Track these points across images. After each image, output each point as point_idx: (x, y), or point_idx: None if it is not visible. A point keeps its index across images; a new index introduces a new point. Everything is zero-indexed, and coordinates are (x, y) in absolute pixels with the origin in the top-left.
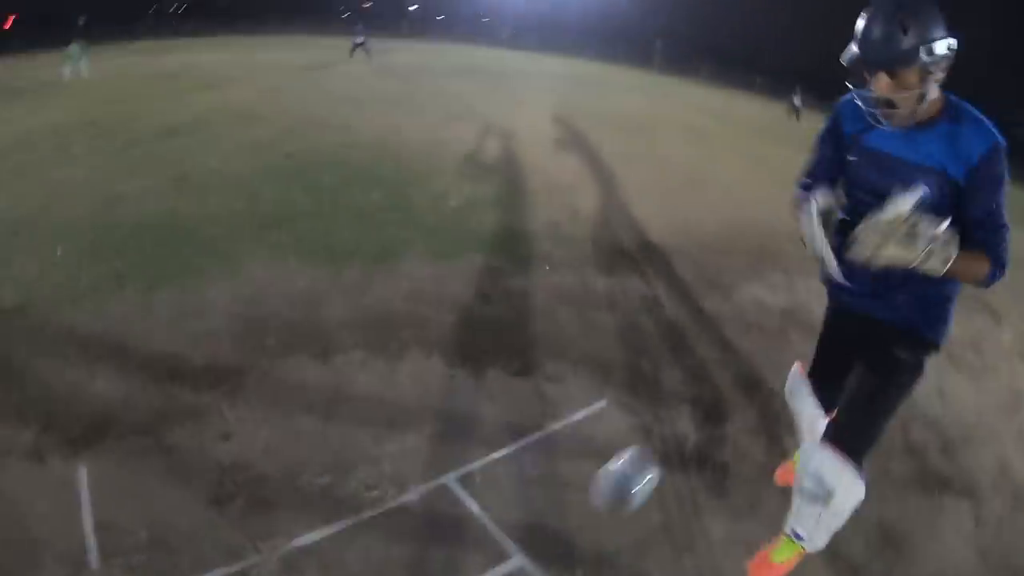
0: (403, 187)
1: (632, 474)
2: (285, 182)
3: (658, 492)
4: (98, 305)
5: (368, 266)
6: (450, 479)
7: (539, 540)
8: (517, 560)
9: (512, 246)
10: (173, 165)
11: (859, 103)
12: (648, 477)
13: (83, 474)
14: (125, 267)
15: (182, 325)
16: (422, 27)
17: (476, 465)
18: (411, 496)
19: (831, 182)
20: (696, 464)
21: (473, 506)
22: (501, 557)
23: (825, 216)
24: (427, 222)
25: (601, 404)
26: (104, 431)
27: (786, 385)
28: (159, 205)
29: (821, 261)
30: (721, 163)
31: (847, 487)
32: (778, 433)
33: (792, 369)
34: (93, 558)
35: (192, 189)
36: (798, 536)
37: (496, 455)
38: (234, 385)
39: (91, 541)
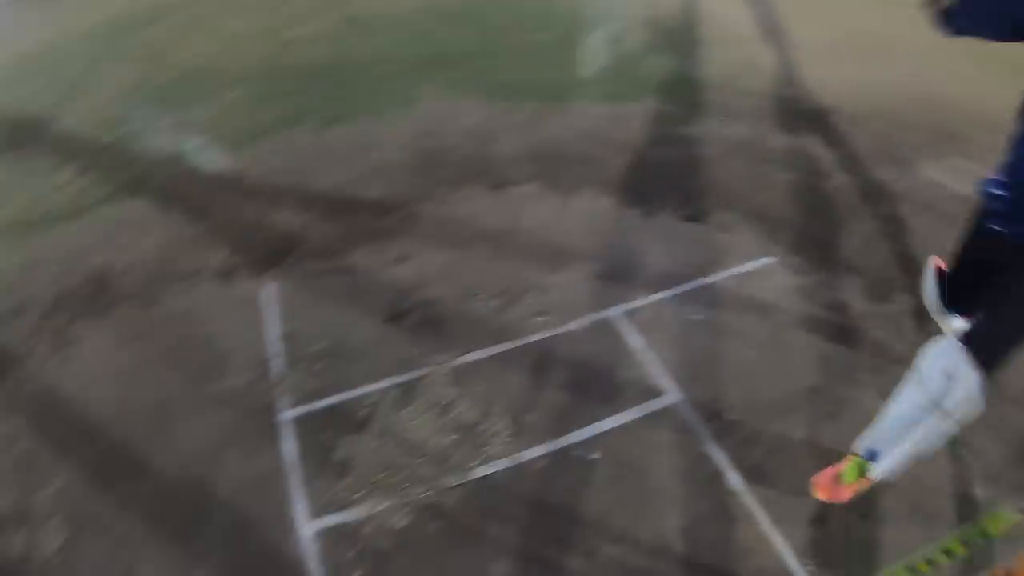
0: (575, 29)
1: None
2: (454, 22)
3: (815, 357)
4: (276, 142)
5: (540, 104)
6: (615, 313)
7: (693, 382)
8: (670, 398)
9: (687, 94)
10: (340, 9)
11: None
12: None
13: (268, 291)
14: (300, 107)
15: (359, 158)
16: None
17: (640, 303)
18: (576, 325)
19: None
20: (855, 336)
21: (635, 342)
22: (656, 393)
23: None
24: (600, 64)
25: (768, 260)
26: (287, 253)
27: (923, 280)
28: (329, 48)
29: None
30: (915, 30)
31: (973, 395)
32: None
33: (929, 263)
34: (277, 364)
35: (360, 31)
36: (872, 454)
37: (660, 295)
38: (411, 213)
39: (275, 349)
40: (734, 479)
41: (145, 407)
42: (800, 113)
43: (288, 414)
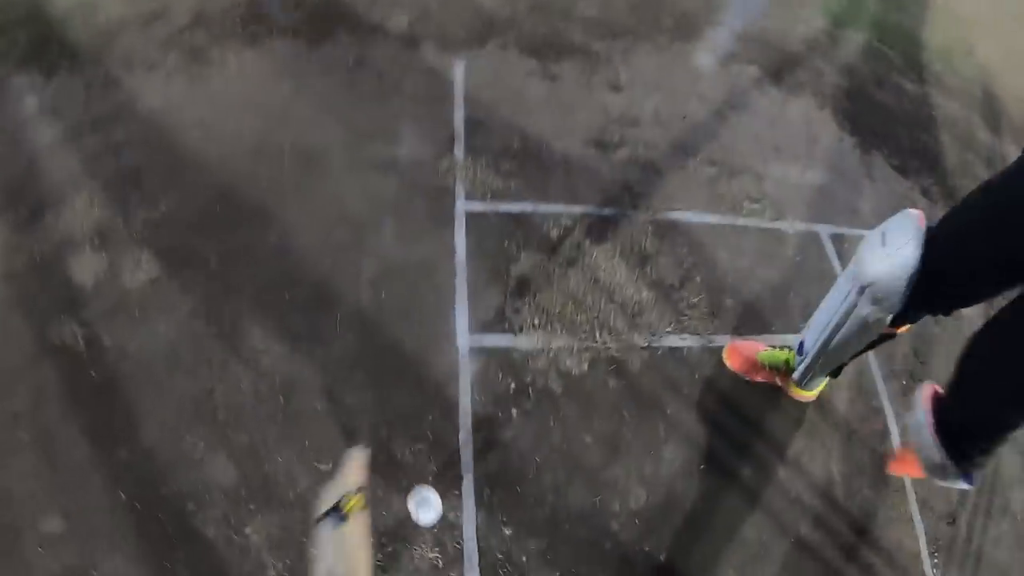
0: None
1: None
2: None
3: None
4: None
5: None
6: (823, 231)
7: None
8: None
9: (906, 45)
10: None
11: None
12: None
13: (459, 69)
14: None
15: None
16: None
17: (847, 231)
18: (785, 227)
19: None
20: None
21: (837, 267)
22: None
23: None
24: None
25: None
26: (484, 39)
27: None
28: None
29: None
30: None
31: None
32: None
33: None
34: (459, 148)
35: None
36: None
37: (863, 232)
38: (628, 45)
39: (459, 131)
40: (899, 444)
41: (288, 151)
42: (1004, 118)
43: (465, 205)
